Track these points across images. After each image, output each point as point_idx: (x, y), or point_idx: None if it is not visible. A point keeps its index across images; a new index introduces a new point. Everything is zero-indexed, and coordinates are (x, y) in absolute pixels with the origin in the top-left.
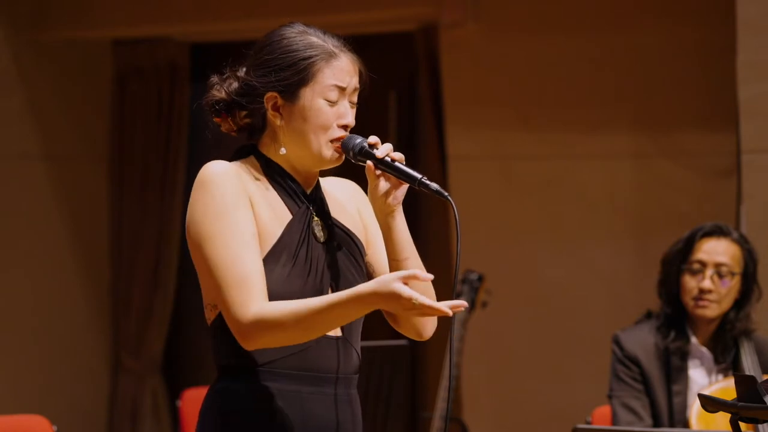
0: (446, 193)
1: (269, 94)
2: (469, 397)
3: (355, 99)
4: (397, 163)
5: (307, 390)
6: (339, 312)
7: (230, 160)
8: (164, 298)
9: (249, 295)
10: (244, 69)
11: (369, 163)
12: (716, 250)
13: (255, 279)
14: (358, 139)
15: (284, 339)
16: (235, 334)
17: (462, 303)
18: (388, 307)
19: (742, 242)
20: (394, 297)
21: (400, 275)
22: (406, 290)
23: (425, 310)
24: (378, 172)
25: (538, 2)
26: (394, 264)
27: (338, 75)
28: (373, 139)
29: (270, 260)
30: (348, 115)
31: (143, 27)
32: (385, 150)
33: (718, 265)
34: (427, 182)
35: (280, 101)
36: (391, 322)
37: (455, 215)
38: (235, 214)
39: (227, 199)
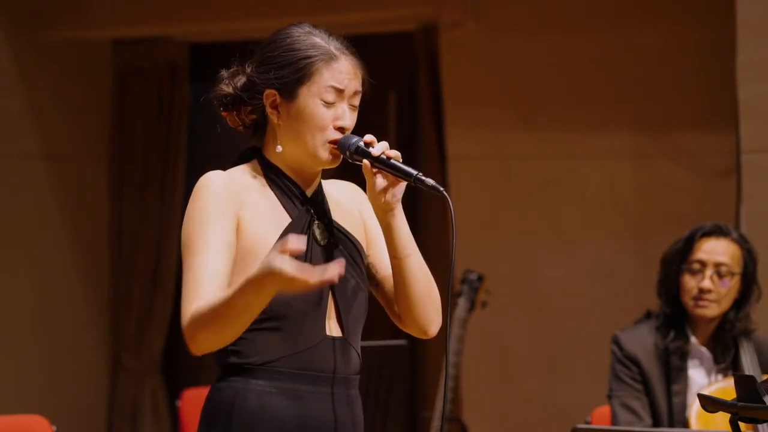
0: (442, 189)
1: (268, 92)
2: (469, 397)
3: (355, 102)
4: (392, 161)
5: (306, 389)
6: (243, 299)
7: (234, 163)
8: (164, 298)
9: (194, 300)
10: (251, 66)
11: (365, 161)
12: (716, 250)
13: (206, 285)
14: (354, 139)
15: (214, 333)
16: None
17: (339, 263)
18: (278, 284)
19: (742, 242)
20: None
21: (278, 249)
22: (281, 262)
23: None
24: (375, 170)
25: (538, 2)
26: (396, 262)
27: (336, 77)
28: (368, 137)
29: None
30: (345, 117)
31: (143, 27)
32: (380, 148)
33: (717, 265)
34: (423, 178)
35: (278, 99)
36: (396, 320)
37: (451, 211)
38: (213, 224)
39: (210, 211)
